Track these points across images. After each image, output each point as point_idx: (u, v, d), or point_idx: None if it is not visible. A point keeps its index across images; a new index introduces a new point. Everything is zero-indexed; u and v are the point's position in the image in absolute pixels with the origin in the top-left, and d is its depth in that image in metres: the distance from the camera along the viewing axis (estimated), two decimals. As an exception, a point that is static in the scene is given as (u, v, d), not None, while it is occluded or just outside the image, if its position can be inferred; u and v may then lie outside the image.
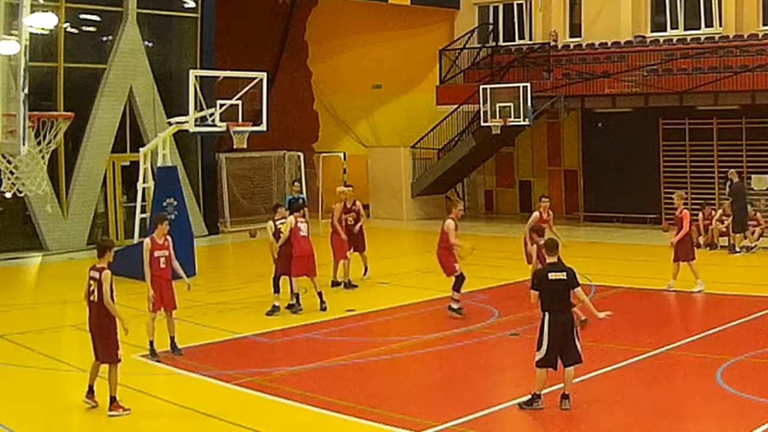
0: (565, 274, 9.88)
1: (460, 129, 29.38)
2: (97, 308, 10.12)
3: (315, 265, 15.53)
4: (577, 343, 9.74)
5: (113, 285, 10.11)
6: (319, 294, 15.45)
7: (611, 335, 12.34)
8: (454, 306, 14.71)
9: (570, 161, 29.82)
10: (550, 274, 9.88)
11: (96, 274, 10.13)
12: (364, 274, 18.50)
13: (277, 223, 15.60)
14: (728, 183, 22.34)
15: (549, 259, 10.18)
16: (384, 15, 32.01)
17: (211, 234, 26.69)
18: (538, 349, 9.81)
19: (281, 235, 15.39)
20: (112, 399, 10.06)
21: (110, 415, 9.98)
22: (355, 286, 17.63)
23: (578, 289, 9.95)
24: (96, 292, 10.08)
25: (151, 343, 12.36)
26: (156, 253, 12.30)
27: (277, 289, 15.37)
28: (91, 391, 10.25)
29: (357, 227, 18.11)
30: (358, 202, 18.51)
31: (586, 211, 28.66)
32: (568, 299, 9.86)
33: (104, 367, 10.18)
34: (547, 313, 9.80)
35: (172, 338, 12.59)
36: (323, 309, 15.32)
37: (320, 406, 10.07)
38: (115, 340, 10.17)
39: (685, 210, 16.65)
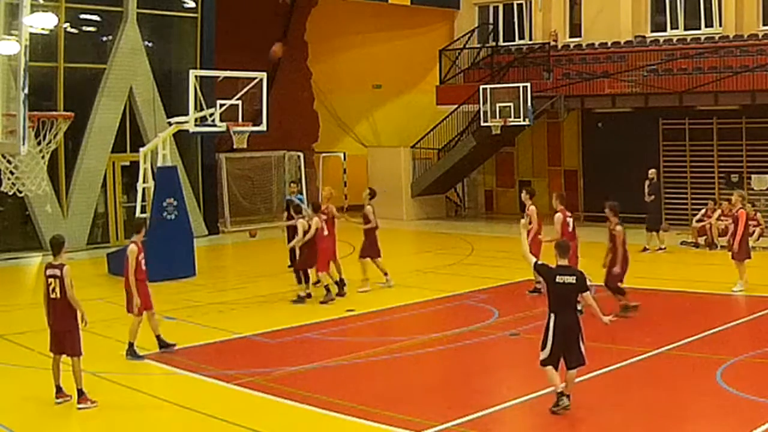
0: (575, 278, 9.74)
1: (460, 129, 29.37)
2: (61, 304, 10.22)
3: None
4: (582, 345, 9.66)
5: (71, 279, 10.26)
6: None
7: (611, 335, 12.32)
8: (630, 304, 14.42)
9: (570, 161, 29.81)
10: (558, 277, 9.74)
11: (56, 271, 10.23)
12: None
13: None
14: (649, 182, 22.50)
15: (560, 261, 9.97)
16: (384, 15, 32.02)
17: (211, 234, 26.68)
18: (542, 348, 9.73)
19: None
20: (80, 392, 10.19)
21: (79, 408, 10.10)
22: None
23: (587, 294, 9.85)
24: (57, 289, 10.18)
25: (132, 344, 12.40)
26: (139, 257, 12.40)
27: (301, 280, 16.52)
28: (59, 390, 10.34)
29: None
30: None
31: (586, 211, 28.63)
32: (575, 302, 9.75)
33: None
34: (553, 315, 9.68)
35: (159, 336, 12.67)
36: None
37: (320, 406, 10.07)
38: (78, 334, 10.33)
39: (743, 209, 16.57)
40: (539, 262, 10.05)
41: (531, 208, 16.57)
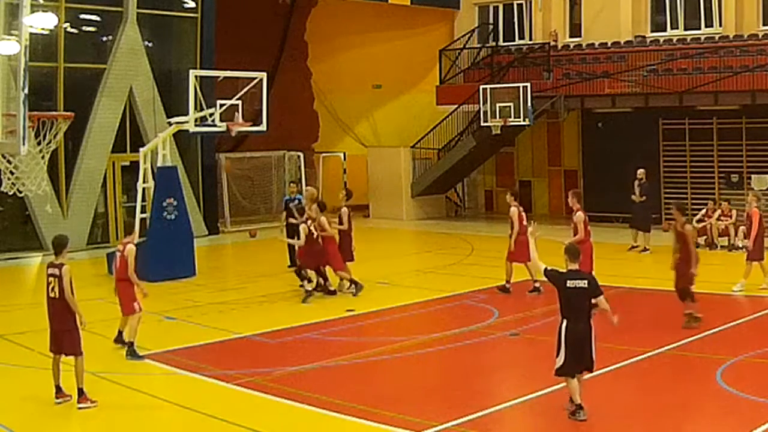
0: (586, 282, 9.56)
1: (460, 129, 29.36)
2: (60, 303, 10.27)
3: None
4: (593, 351, 9.52)
5: (72, 279, 10.28)
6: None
7: (611, 335, 12.30)
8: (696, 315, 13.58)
9: (570, 161, 29.81)
10: (569, 282, 9.54)
11: (56, 271, 10.29)
12: None
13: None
14: (638, 182, 22.36)
15: (570, 266, 9.75)
16: (384, 15, 32.03)
17: (211, 234, 26.68)
18: (557, 355, 9.54)
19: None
20: (80, 391, 10.20)
21: (79, 408, 10.12)
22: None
23: (601, 298, 9.65)
24: (57, 288, 10.24)
25: (132, 344, 12.47)
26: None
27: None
28: (59, 390, 10.35)
29: None
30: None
31: (586, 211, 28.62)
32: (588, 308, 9.57)
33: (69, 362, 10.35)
34: (564, 321, 9.51)
35: (121, 332, 12.81)
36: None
37: (320, 406, 10.07)
38: (78, 333, 10.36)
39: (755, 209, 16.50)
40: (549, 268, 9.79)
41: (512, 209, 16.59)
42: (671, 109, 25.40)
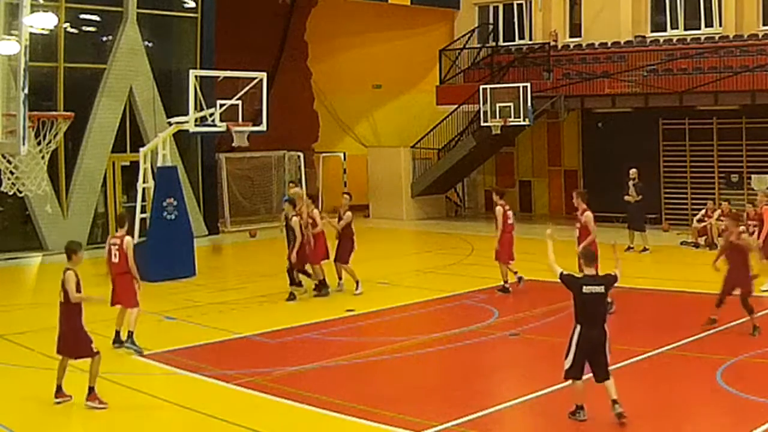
0: (603, 287, 9.42)
1: (460, 129, 29.38)
2: (65, 307, 10.36)
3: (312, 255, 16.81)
4: (607, 358, 9.39)
5: (80, 282, 10.36)
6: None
7: (611, 335, 12.30)
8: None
9: (570, 161, 29.81)
10: (585, 287, 9.37)
11: (62, 275, 10.42)
12: None
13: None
14: (634, 182, 22.27)
15: (586, 270, 9.60)
16: (384, 15, 32.04)
17: (211, 234, 26.67)
18: (566, 357, 9.45)
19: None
20: (90, 389, 10.21)
21: (87, 406, 10.12)
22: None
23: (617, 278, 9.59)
24: (62, 292, 10.35)
25: (131, 333, 12.54)
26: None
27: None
28: (59, 390, 10.37)
29: None
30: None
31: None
32: (603, 314, 9.47)
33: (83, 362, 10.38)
34: (578, 326, 9.38)
35: (119, 331, 12.83)
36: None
37: (320, 406, 10.07)
38: (86, 335, 10.40)
39: (766, 206, 16.43)
40: (565, 273, 9.56)
41: (497, 208, 16.70)
42: (671, 109, 25.40)
